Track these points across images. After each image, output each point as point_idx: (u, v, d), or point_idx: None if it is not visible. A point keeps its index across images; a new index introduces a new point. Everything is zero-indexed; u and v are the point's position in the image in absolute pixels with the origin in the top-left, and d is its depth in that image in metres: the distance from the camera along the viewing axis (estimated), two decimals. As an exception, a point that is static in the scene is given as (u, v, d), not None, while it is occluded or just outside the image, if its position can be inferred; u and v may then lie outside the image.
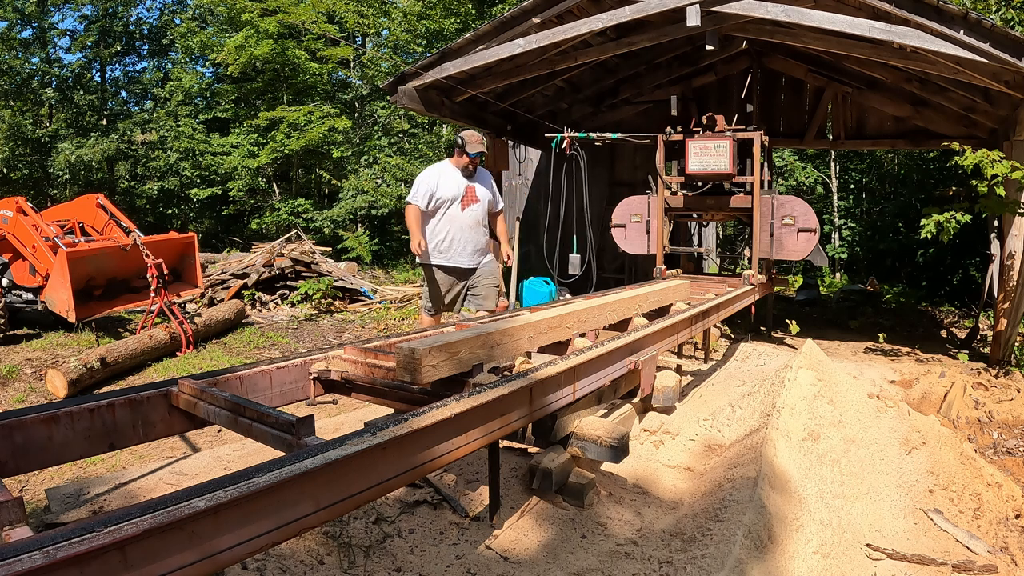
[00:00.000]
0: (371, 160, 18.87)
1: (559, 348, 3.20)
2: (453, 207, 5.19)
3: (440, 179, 5.18)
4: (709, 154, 6.68)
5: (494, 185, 5.48)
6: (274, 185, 19.95)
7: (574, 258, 5.14)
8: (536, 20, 6.58)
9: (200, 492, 1.34)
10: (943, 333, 9.18)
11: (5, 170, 19.40)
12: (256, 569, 2.14)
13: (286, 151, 18.11)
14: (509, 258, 5.39)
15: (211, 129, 20.96)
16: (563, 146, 6.96)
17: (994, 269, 7.99)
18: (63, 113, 21.63)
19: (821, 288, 13.54)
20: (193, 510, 1.28)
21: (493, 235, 5.54)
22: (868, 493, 3.40)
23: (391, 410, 2.68)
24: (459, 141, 5.18)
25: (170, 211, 22.07)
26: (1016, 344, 6.28)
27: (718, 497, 2.87)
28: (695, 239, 11.21)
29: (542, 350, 3.19)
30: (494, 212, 5.46)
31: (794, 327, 7.15)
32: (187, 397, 2.16)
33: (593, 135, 7.18)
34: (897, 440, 3.91)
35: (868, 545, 3.03)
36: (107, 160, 20.85)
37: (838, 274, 17.53)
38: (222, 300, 10.02)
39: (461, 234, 5.22)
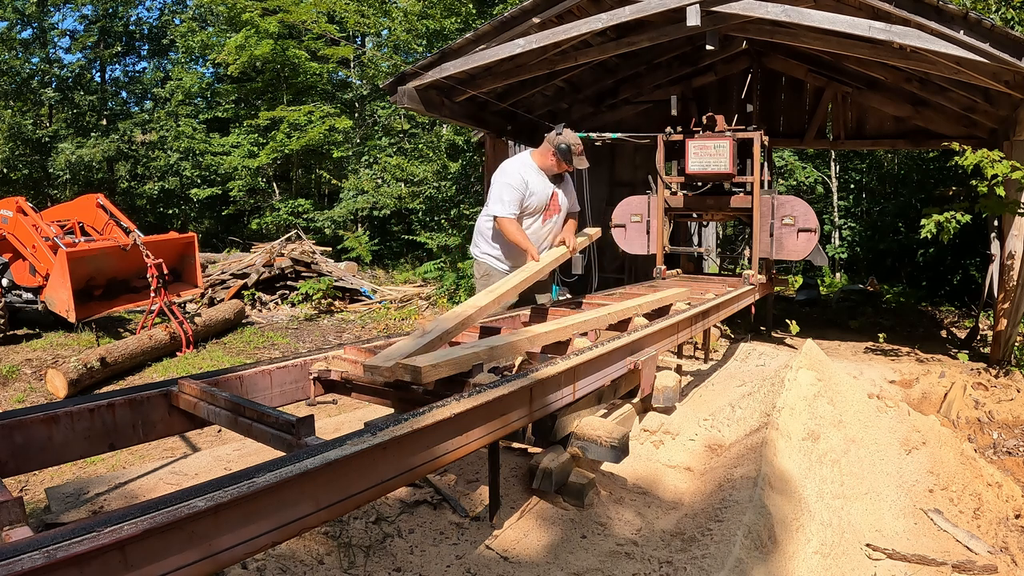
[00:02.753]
0: (371, 160, 18.87)
1: (559, 348, 3.20)
2: (536, 215, 4.36)
3: (530, 181, 4.27)
4: (709, 154, 6.68)
5: (572, 185, 4.62)
6: (274, 185, 19.96)
7: (575, 258, 5.05)
8: (536, 20, 6.58)
9: (200, 492, 1.34)
10: (943, 333, 9.18)
11: (5, 170, 19.40)
12: (256, 569, 2.14)
13: (286, 151, 18.11)
14: (573, 248, 4.43)
15: (211, 129, 20.97)
16: (563, 146, 6.95)
17: (994, 269, 7.99)
18: (63, 113, 21.63)
19: (821, 288, 13.54)
20: (193, 510, 1.28)
21: None
22: (868, 493, 3.40)
23: (391, 410, 2.68)
24: (563, 147, 4.20)
25: (170, 211, 22.07)
26: (1016, 344, 6.28)
27: (718, 497, 2.87)
28: (695, 239, 11.21)
29: (543, 350, 3.19)
30: (569, 213, 4.60)
31: (794, 327, 7.15)
32: (187, 397, 2.16)
33: (593, 135, 7.18)
34: (897, 440, 3.91)
35: (868, 545, 3.03)
36: (107, 160, 20.86)
37: (838, 274, 17.53)
38: (222, 300, 10.02)
39: (538, 246, 4.38)
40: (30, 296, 7.89)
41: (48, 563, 1.09)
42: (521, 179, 4.25)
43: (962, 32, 5.17)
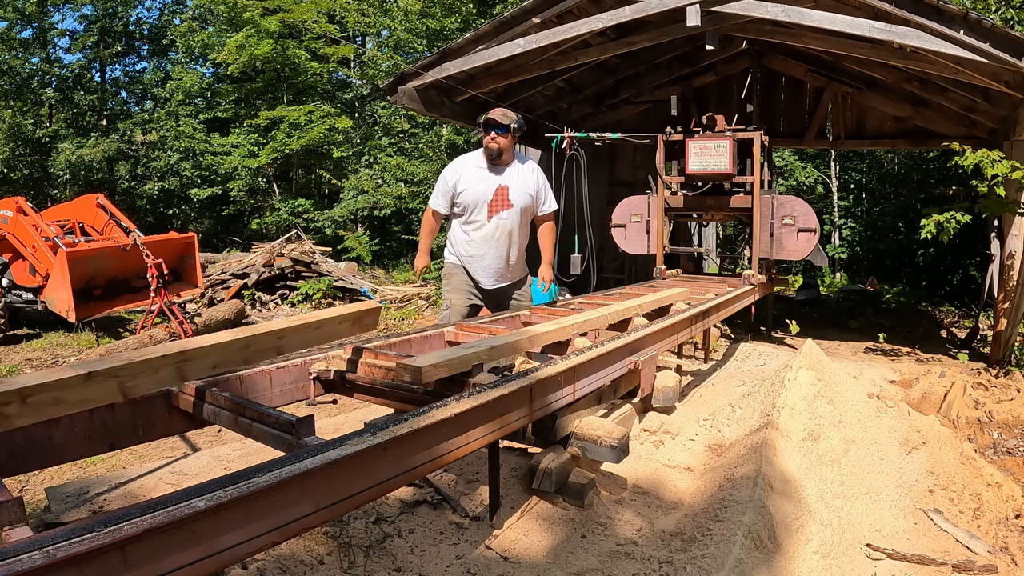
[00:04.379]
0: (371, 160, 18.87)
1: (560, 348, 3.20)
2: (477, 213, 4.08)
3: (463, 175, 4.05)
4: (709, 154, 6.68)
5: (542, 180, 4.25)
6: (274, 185, 19.95)
7: (575, 258, 5.03)
8: (536, 20, 6.58)
9: (200, 492, 1.34)
10: (943, 333, 9.18)
11: (5, 170, 19.40)
12: (256, 569, 2.14)
13: (286, 151, 18.11)
14: (545, 282, 4.29)
15: (211, 129, 20.97)
16: (563, 146, 6.95)
17: (994, 269, 7.99)
18: (63, 113, 21.63)
19: (821, 288, 13.54)
20: (193, 510, 1.28)
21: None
22: (868, 493, 3.40)
23: (391, 410, 2.68)
24: (478, 119, 4.06)
25: (170, 211, 22.07)
26: (1016, 344, 6.28)
27: (718, 497, 2.87)
28: (695, 239, 11.21)
29: (543, 350, 3.19)
30: (540, 215, 4.30)
31: (794, 327, 7.15)
32: (187, 397, 2.16)
33: (593, 135, 7.18)
34: (897, 440, 3.91)
35: (868, 545, 3.03)
36: (107, 160, 20.86)
37: (838, 274, 17.54)
38: (222, 300, 10.03)
39: (484, 248, 4.15)
40: (30, 296, 7.89)
41: (48, 563, 1.09)
42: (453, 172, 4.08)
43: (962, 32, 5.18)
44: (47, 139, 20.30)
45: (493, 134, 4.00)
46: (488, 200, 4.08)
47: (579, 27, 6.39)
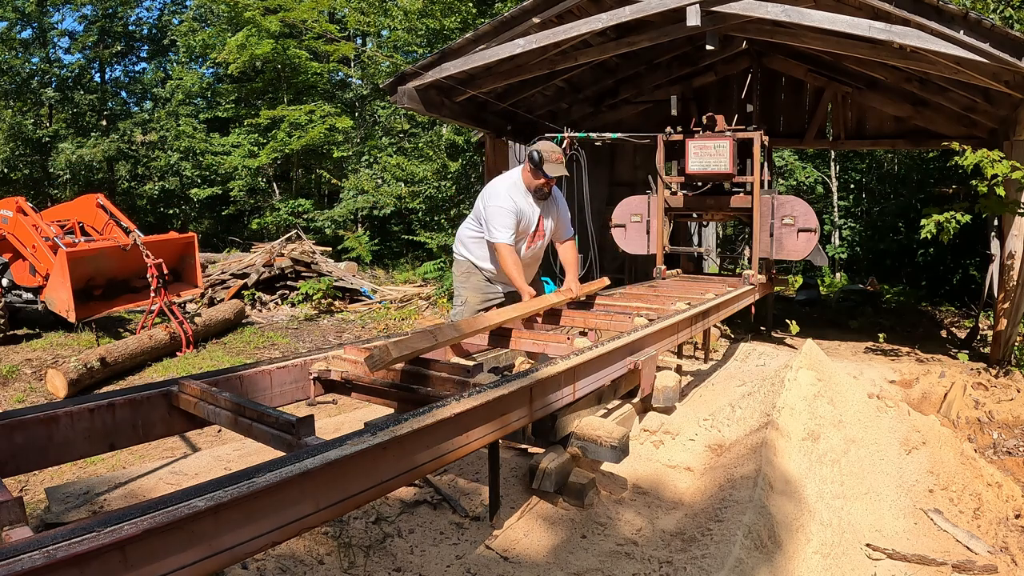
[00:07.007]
0: (371, 160, 18.86)
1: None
2: (520, 242, 4.24)
3: (518, 204, 4.12)
4: (709, 154, 6.67)
5: (564, 208, 4.45)
6: (274, 185, 19.95)
7: None
8: (536, 20, 6.57)
9: (200, 492, 1.34)
10: (943, 333, 9.18)
11: (5, 170, 19.40)
12: (256, 569, 2.14)
13: (286, 151, 18.10)
14: (574, 293, 4.27)
15: (211, 129, 20.96)
16: (563, 146, 6.95)
17: (994, 269, 7.99)
18: (63, 113, 21.62)
19: (821, 288, 13.53)
20: (193, 510, 1.28)
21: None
22: (868, 493, 3.40)
23: (391, 410, 2.68)
24: (535, 157, 4.04)
25: (170, 211, 22.07)
26: (1016, 344, 6.28)
27: (718, 497, 2.87)
28: (695, 239, 11.21)
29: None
30: (561, 240, 4.49)
31: (794, 327, 7.15)
32: (187, 397, 2.16)
33: (593, 135, 7.17)
34: (897, 440, 3.91)
35: (868, 545, 3.03)
36: (107, 160, 20.85)
37: (838, 274, 17.53)
38: (222, 300, 10.02)
39: None
40: (30, 296, 7.89)
41: (48, 563, 1.09)
42: (511, 200, 4.09)
43: (962, 32, 5.17)
44: (47, 139, 20.30)
45: (550, 181, 4.13)
46: (531, 232, 4.25)
47: (579, 27, 6.38)
